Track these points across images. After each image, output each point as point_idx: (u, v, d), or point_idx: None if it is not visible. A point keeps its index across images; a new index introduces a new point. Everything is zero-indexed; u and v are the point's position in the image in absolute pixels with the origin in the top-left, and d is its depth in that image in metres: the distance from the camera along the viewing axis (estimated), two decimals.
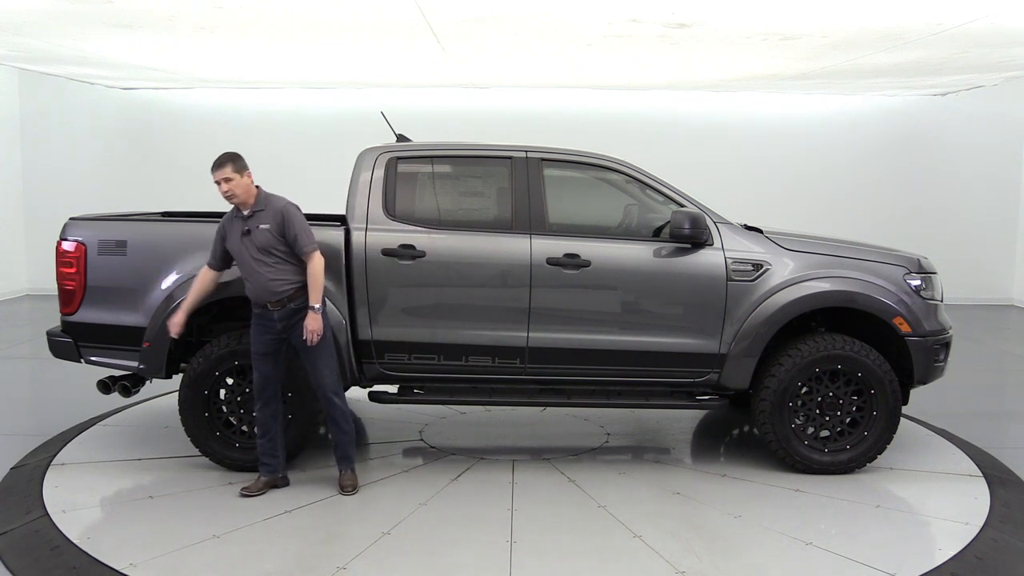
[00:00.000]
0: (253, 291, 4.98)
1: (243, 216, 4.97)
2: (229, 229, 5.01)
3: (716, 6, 6.86)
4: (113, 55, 9.78)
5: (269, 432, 5.06)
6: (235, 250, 4.98)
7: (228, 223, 5.03)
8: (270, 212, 4.97)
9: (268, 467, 5.10)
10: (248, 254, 4.93)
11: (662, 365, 5.46)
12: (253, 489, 5.02)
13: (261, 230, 4.93)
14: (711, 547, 4.43)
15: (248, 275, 4.96)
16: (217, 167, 4.92)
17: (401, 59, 9.81)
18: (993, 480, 5.50)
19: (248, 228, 4.94)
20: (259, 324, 4.99)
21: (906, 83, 11.66)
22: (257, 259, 4.91)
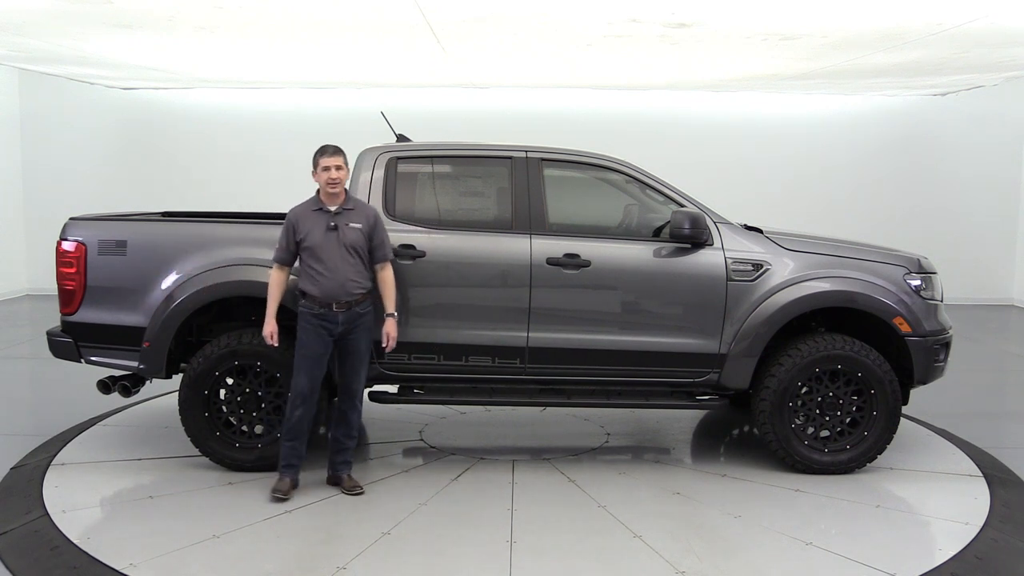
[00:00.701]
0: (327, 288, 4.86)
1: (328, 211, 4.91)
2: (305, 222, 4.90)
3: (716, 6, 6.86)
4: (113, 55, 9.78)
5: (302, 435, 5.00)
6: (317, 244, 4.87)
7: (303, 217, 4.92)
8: (362, 213, 4.99)
9: (295, 468, 5.08)
10: (334, 250, 4.88)
11: (662, 365, 5.46)
12: (285, 491, 4.94)
13: (352, 228, 4.92)
14: (711, 547, 4.43)
15: (330, 271, 4.87)
16: (333, 153, 4.91)
17: (401, 59, 9.81)
18: (993, 480, 5.50)
19: (336, 224, 4.89)
20: (318, 325, 4.88)
21: (906, 83, 11.66)
22: (342, 256, 4.89)
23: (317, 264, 4.89)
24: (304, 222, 4.92)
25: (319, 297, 4.87)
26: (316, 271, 4.88)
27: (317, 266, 4.88)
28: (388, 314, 5.05)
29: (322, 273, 4.88)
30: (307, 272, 4.91)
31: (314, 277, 4.89)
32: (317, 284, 4.88)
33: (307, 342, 4.91)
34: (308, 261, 4.91)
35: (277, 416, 5.38)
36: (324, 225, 4.90)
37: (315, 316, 4.89)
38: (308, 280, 4.90)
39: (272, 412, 5.39)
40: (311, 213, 4.94)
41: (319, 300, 4.88)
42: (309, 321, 4.90)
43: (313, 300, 4.89)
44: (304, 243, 4.90)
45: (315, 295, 4.88)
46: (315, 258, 4.89)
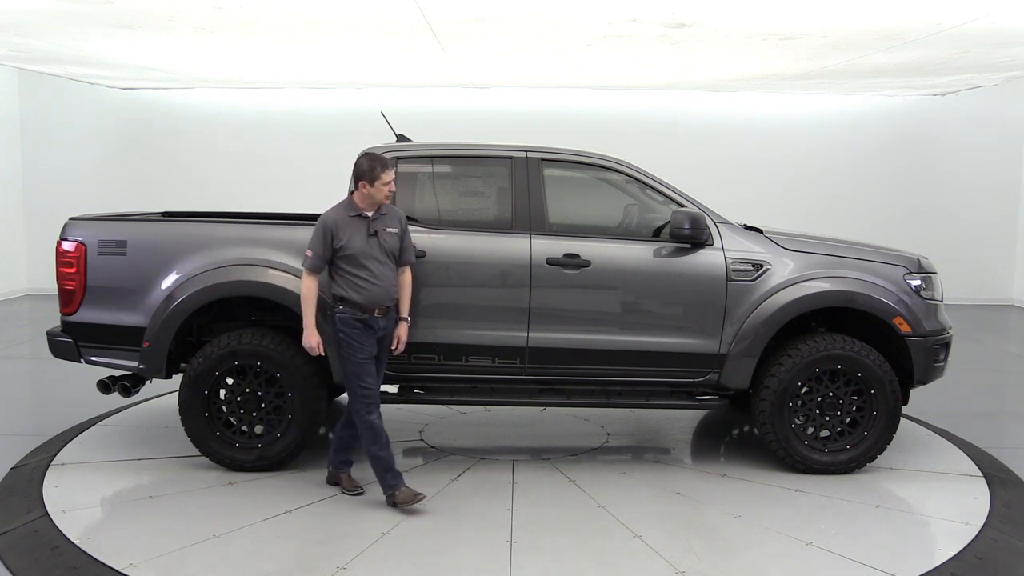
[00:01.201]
0: (374, 295, 4.80)
1: (367, 216, 4.85)
2: (345, 229, 4.78)
3: (716, 6, 6.86)
4: (113, 55, 9.78)
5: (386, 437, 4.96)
6: (360, 250, 4.78)
7: (342, 222, 4.79)
8: (394, 216, 4.95)
9: (349, 464, 5.15)
10: (377, 256, 4.83)
11: (662, 365, 5.46)
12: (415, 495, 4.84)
13: (390, 233, 4.89)
14: (711, 547, 4.43)
15: (376, 277, 4.81)
16: (389, 166, 4.84)
17: (401, 59, 9.81)
18: (993, 480, 5.50)
19: (376, 229, 4.84)
20: (364, 330, 4.80)
21: (906, 83, 11.66)
22: (383, 262, 4.85)
23: (360, 271, 4.79)
24: (344, 228, 4.79)
25: (363, 304, 4.79)
26: (360, 278, 4.79)
27: (361, 273, 4.79)
28: (402, 318, 5.05)
29: (368, 280, 4.80)
30: (348, 279, 4.79)
31: (358, 284, 4.78)
32: (362, 291, 4.78)
33: (359, 345, 4.81)
34: (348, 268, 4.79)
35: (277, 416, 5.38)
36: (364, 231, 4.82)
37: (359, 320, 4.80)
38: (350, 287, 4.79)
39: (272, 412, 5.39)
40: (349, 219, 4.82)
41: (362, 306, 4.80)
42: (353, 325, 4.79)
43: (355, 306, 4.78)
44: (345, 250, 4.77)
45: (359, 302, 4.78)
46: (358, 265, 4.79)
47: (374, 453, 4.86)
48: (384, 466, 4.87)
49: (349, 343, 4.81)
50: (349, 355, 4.82)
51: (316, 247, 4.81)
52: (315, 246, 4.81)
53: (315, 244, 4.81)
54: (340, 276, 4.84)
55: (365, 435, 4.87)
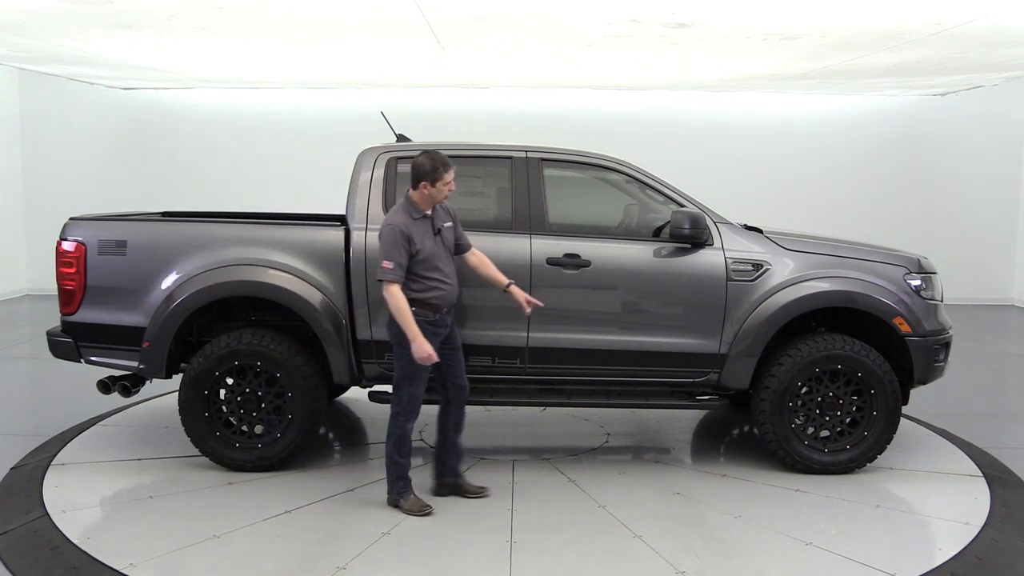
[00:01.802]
0: (450, 294, 4.78)
1: (429, 216, 4.79)
2: (416, 233, 4.70)
3: (716, 6, 6.86)
4: (113, 55, 9.78)
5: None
6: (430, 251, 4.72)
7: (410, 225, 4.69)
8: (443, 211, 4.91)
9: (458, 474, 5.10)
10: (444, 254, 4.81)
11: (662, 365, 5.46)
12: (424, 504, 4.87)
13: (448, 228, 4.87)
14: (711, 547, 4.43)
15: (449, 276, 4.79)
16: (451, 165, 4.77)
17: (401, 59, 9.80)
18: (993, 480, 5.50)
19: (438, 227, 4.82)
20: (432, 333, 4.72)
21: (906, 83, 11.65)
22: (449, 259, 4.84)
23: (434, 272, 4.74)
24: (415, 233, 4.70)
25: (439, 304, 4.76)
26: (435, 279, 4.74)
27: (435, 275, 4.74)
28: (510, 283, 4.99)
29: (443, 280, 4.77)
30: (423, 282, 4.72)
31: (435, 286, 4.73)
32: (439, 292, 4.74)
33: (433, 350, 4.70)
34: (422, 271, 4.71)
35: (277, 416, 5.38)
36: (431, 232, 4.78)
37: (430, 323, 4.72)
38: (426, 290, 4.72)
39: (272, 412, 5.39)
40: (415, 222, 4.72)
41: (437, 307, 4.76)
42: (425, 329, 4.66)
43: (429, 307, 4.73)
44: (420, 254, 4.69)
45: (436, 303, 4.74)
46: (431, 267, 4.73)
47: (395, 459, 4.85)
48: (400, 473, 4.88)
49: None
50: (411, 358, 4.71)
51: (396, 256, 4.63)
52: (395, 255, 4.63)
53: (394, 254, 4.64)
54: (412, 280, 4.70)
55: (393, 439, 4.84)
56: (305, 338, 5.50)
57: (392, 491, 4.90)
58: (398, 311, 4.64)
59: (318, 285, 5.35)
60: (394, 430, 4.84)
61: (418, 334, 4.61)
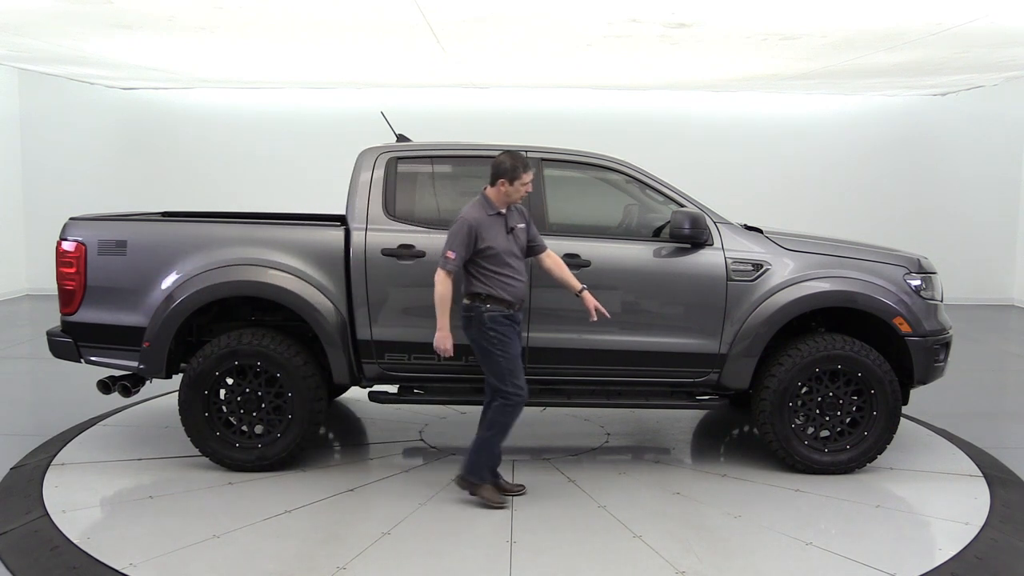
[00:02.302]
0: (520, 290, 4.85)
1: (503, 214, 4.85)
2: (488, 229, 4.77)
3: (716, 6, 6.86)
4: (113, 55, 9.78)
5: None
6: (503, 248, 4.79)
7: (484, 222, 4.77)
8: (517, 212, 4.96)
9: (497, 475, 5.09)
10: (515, 252, 4.87)
11: (662, 365, 5.46)
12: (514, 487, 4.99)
13: (521, 229, 4.92)
14: (711, 547, 4.43)
15: (519, 273, 4.85)
16: (531, 167, 4.85)
17: (401, 59, 9.81)
18: (993, 480, 5.50)
19: (511, 226, 4.87)
20: (512, 326, 4.83)
21: (906, 83, 11.66)
22: (519, 258, 4.89)
23: (505, 268, 4.80)
24: (487, 228, 4.77)
25: (511, 300, 4.82)
26: (506, 275, 4.80)
27: (505, 271, 4.80)
28: (583, 289, 5.05)
29: (514, 277, 4.83)
30: (494, 277, 4.78)
31: (506, 282, 4.80)
32: (510, 288, 4.81)
33: (511, 342, 4.82)
34: (491, 266, 4.78)
35: (277, 416, 5.38)
36: (504, 229, 4.84)
37: (506, 317, 4.81)
38: (497, 285, 4.78)
39: (272, 412, 5.39)
40: (488, 218, 4.80)
41: (509, 303, 4.82)
42: (503, 323, 4.79)
43: (502, 303, 4.79)
44: (490, 250, 4.76)
45: (507, 299, 4.80)
46: (501, 263, 4.79)
47: (493, 449, 4.92)
48: (492, 464, 4.96)
49: (503, 340, 4.80)
50: (503, 352, 4.79)
51: (459, 249, 4.74)
52: (458, 248, 4.74)
53: (458, 246, 4.74)
54: (484, 275, 4.80)
55: (497, 431, 4.88)
56: (305, 338, 5.50)
57: (473, 476, 4.93)
58: (439, 299, 4.75)
59: (318, 285, 5.35)
60: (500, 419, 4.87)
61: (446, 325, 4.76)
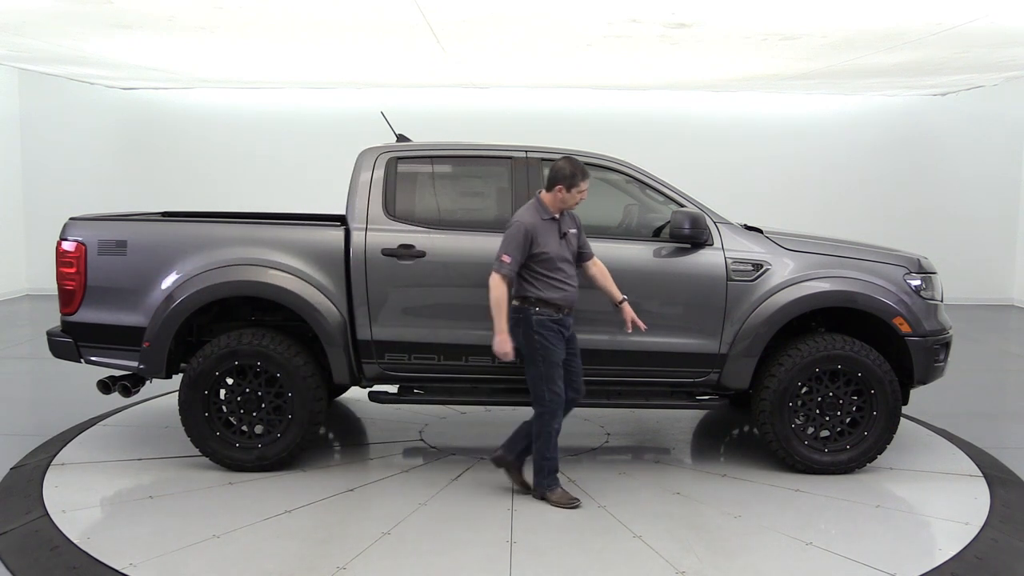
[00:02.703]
0: (572, 295, 4.87)
1: (557, 219, 4.88)
2: (542, 233, 4.80)
3: (716, 6, 6.86)
4: (113, 55, 9.78)
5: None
6: (557, 253, 4.83)
7: (539, 226, 4.81)
8: (570, 218, 4.99)
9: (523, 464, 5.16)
10: (568, 257, 4.90)
11: (662, 365, 5.46)
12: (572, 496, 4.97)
13: (573, 234, 4.95)
14: (711, 547, 4.43)
15: (571, 278, 4.89)
16: (588, 175, 4.88)
17: (401, 59, 9.81)
18: (993, 480, 5.50)
19: (564, 231, 4.90)
20: (558, 333, 4.85)
21: (906, 83, 11.66)
22: (571, 263, 4.93)
23: (557, 272, 4.84)
24: (541, 232, 4.81)
25: (562, 304, 4.85)
26: (558, 279, 4.84)
27: (558, 275, 4.84)
28: (623, 300, 5.12)
29: (566, 281, 4.87)
30: (546, 281, 4.83)
31: (558, 286, 4.84)
32: (563, 292, 4.85)
33: (554, 348, 4.86)
34: (544, 270, 4.82)
35: (277, 416, 5.38)
36: (557, 234, 4.87)
37: (555, 322, 4.84)
38: (549, 289, 4.83)
39: (272, 412, 5.39)
40: (543, 222, 4.83)
41: (560, 307, 4.85)
42: (550, 328, 4.83)
43: (552, 307, 4.83)
44: (544, 254, 4.80)
45: (559, 303, 4.84)
46: (554, 267, 4.83)
47: (546, 456, 4.95)
48: (551, 468, 4.97)
49: (546, 346, 4.83)
50: (545, 357, 4.83)
51: (514, 252, 4.77)
52: (513, 251, 4.77)
53: (513, 249, 4.77)
54: (536, 278, 4.84)
55: (543, 440, 4.92)
56: (305, 338, 5.51)
57: (541, 484, 4.98)
58: (495, 302, 4.78)
59: (318, 285, 5.35)
60: (542, 429, 4.92)
61: (504, 329, 4.78)
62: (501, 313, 4.78)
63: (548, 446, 4.93)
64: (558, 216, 4.89)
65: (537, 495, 5.01)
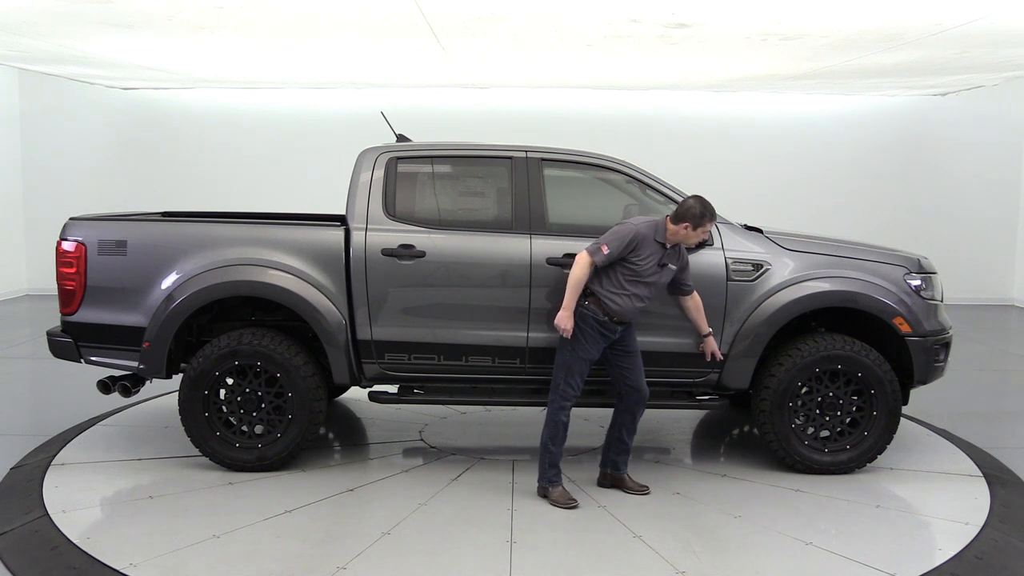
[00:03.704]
0: (630, 310, 4.93)
1: (666, 247, 4.96)
2: (647, 248, 4.90)
3: (716, 6, 6.86)
4: (113, 55, 9.78)
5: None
6: (648, 273, 4.92)
7: (648, 242, 4.91)
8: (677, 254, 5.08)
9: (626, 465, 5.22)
10: (656, 284, 4.99)
11: (662, 365, 5.46)
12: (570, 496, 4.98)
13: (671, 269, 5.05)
14: (711, 547, 4.43)
15: (641, 299, 4.94)
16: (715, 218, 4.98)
17: (401, 59, 9.80)
18: (993, 480, 5.50)
19: (665, 262, 4.99)
20: (599, 332, 4.90)
21: (906, 83, 11.65)
22: (655, 290, 5.03)
23: (637, 288, 4.90)
24: (646, 247, 4.88)
25: (614, 311, 4.88)
26: (633, 294, 4.89)
27: (634, 289, 4.89)
28: (707, 333, 5.27)
29: (636, 297, 4.90)
30: (620, 287, 4.88)
31: (622, 295, 4.88)
32: (622, 303, 4.88)
33: (588, 346, 4.91)
34: (626, 281, 4.88)
35: (277, 416, 5.38)
36: (658, 258, 4.92)
37: (599, 323, 4.89)
38: (614, 293, 4.88)
39: (272, 412, 5.39)
40: (653, 242, 4.91)
41: (609, 312, 4.88)
42: (592, 325, 4.89)
43: (604, 310, 4.88)
44: (636, 266, 4.87)
45: (612, 309, 4.87)
46: (639, 283, 4.90)
47: (548, 447, 4.99)
48: (552, 461, 5.01)
49: (579, 337, 4.89)
50: (572, 347, 4.91)
51: (615, 248, 4.84)
52: (615, 246, 4.84)
53: (616, 245, 4.84)
54: (611, 279, 4.90)
55: (548, 427, 4.98)
56: (305, 338, 5.51)
57: (542, 479, 5.02)
58: (574, 280, 4.85)
59: (318, 285, 5.35)
60: (550, 419, 4.99)
61: (570, 306, 4.84)
62: (575, 292, 4.85)
63: (553, 437, 4.97)
64: (669, 247, 4.95)
65: (540, 491, 5.03)
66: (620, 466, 5.22)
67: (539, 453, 5.05)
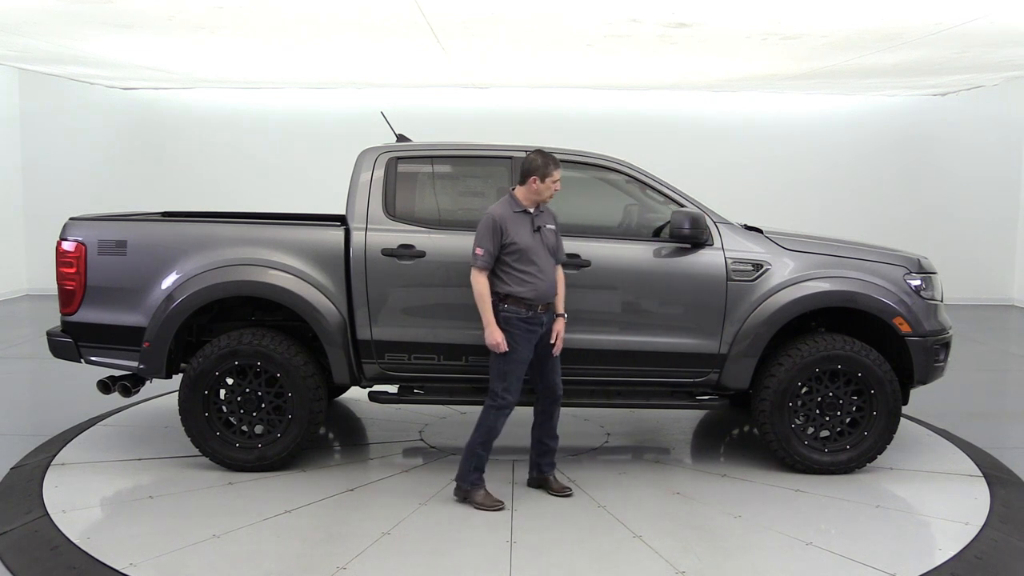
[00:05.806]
0: (542, 289, 4.82)
1: (530, 212, 4.86)
2: (512, 224, 4.79)
3: (716, 6, 6.86)
4: (113, 55, 9.78)
5: None
6: (528, 246, 4.79)
7: (509, 218, 4.79)
8: (549, 214, 4.98)
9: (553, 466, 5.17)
10: (541, 251, 4.85)
11: (662, 365, 5.46)
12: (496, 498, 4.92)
13: (550, 230, 4.93)
14: (711, 547, 4.43)
15: (542, 272, 4.83)
16: (560, 165, 4.86)
17: (401, 59, 9.81)
18: (993, 480, 5.50)
19: (539, 225, 4.87)
20: (527, 330, 4.81)
21: (906, 83, 11.66)
22: (546, 258, 4.88)
23: (528, 266, 4.80)
24: (511, 224, 4.79)
25: (531, 299, 4.80)
26: (528, 273, 4.80)
27: (529, 268, 4.80)
28: (560, 315, 5.01)
29: (535, 275, 4.81)
30: (516, 275, 4.80)
31: (525, 280, 4.79)
32: (531, 286, 4.79)
33: (520, 348, 4.81)
34: (515, 264, 4.80)
35: (277, 416, 5.38)
36: (529, 227, 4.84)
37: (524, 320, 4.80)
38: (517, 283, 4.79)
39: (272, 412, 5.39)
40: (514, 215, 4.82)
41: (530, 303, 4.80)
42: (518, 326, 4.79)
43: (522, 303, 4.79)
44: (513, 246, 4.77)
45: (528, 297, 4.79)
46: (526, 260, 4.80)
47: (476, 450, 4.90)
48: (477, 465, 4.92)
49: (510, 343, 4.79)
50: (506, 354, 4.80)
51: (486, 244, 4.77)
52: (485, 243, 4.78)
53: (484, 241, 4.78)
54: (506, 273, 4.82)
55: (480, 431, 4.89)
56: (305, 338, 5.51)
57: (464, 482, 4.93)
58: (478, 297, 4.79)
59: (318, 285, 5.35)
60: (484, 422, 4.89)
61: (491, 321, 4.76)
62: (486, 305, 4.78)
63: (484, 442, 4.88)
64: (532, 210, 4.88)
65: (459, 496, 4.94)
66: (543, 468, 5.15)
67: (464, 455, 4.93)
